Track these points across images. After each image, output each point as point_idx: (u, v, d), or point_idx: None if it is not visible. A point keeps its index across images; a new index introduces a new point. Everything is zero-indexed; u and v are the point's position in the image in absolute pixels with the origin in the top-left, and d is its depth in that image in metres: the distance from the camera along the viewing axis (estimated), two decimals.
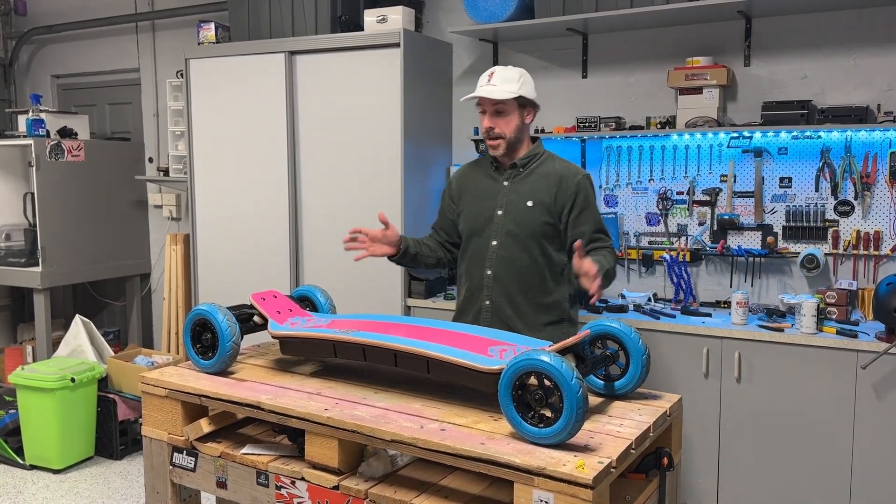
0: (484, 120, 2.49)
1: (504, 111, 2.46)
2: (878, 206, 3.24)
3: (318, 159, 3.95)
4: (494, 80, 2.46)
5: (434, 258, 2.67)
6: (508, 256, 2.51)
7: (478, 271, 2.57)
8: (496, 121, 2.47)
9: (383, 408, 1.85)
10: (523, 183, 2.54)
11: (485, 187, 2.60)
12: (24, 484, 3.88)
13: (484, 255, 2.55)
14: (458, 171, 2.77)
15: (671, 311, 3.40)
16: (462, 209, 2.64)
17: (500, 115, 2.47)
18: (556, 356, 1.59)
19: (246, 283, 4.02)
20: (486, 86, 2.46)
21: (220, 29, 4.25)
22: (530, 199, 2.50)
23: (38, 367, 4.06)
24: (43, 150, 4.57)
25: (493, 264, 2.53)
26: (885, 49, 3.20)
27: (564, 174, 2.51)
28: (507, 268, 2.51)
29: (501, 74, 2.47)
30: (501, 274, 2.52)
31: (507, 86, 2.44)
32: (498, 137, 2.48)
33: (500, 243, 2.52)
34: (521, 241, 2.50)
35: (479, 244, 2.57)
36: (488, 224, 2.55)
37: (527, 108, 2.52)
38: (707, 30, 3.51)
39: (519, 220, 2.50)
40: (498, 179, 2.58)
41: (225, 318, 2.09)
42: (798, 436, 2.99)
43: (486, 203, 2.57)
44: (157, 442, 2.13)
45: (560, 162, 2.57)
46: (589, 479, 1.46)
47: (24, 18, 5.71)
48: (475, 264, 2.58)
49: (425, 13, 4.17)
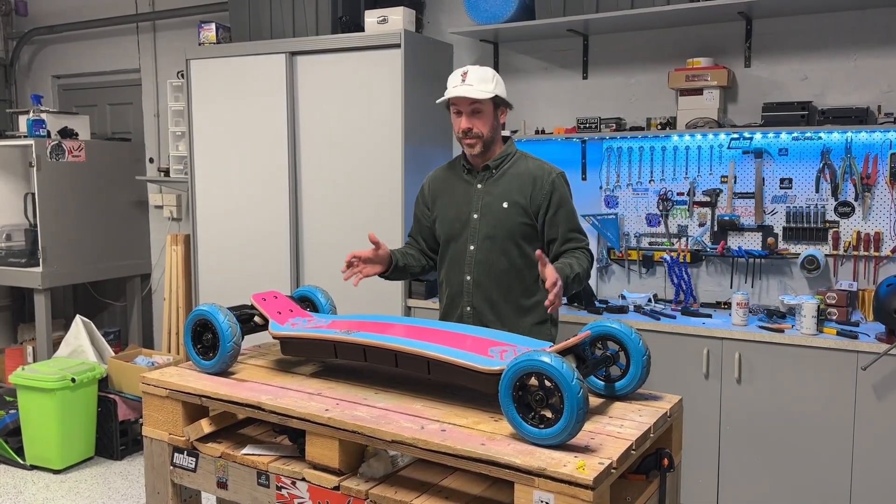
0: (461, 121, 2.45)
1: (481, 111, 2.43)
2: (879, 207, 3.24)
3: (318, 160, 3.95)
4: (469, 80, 2.41)
5: (419, 267, 2.66)
6: (487, 260, 2.49)
7: (457, 277, 2.55)
8: (473, 121, 2.43)
9: (384, 408, 1.85)
10: (497, 184, 2.51)
11: (458, 191, 2.57)
12: (25, 484, 3.88)
13: (462, 260, 2.53)
14: (429, 176, 2.72)
15: (671, 311, 3.40)
16: (437, 214, 2.61)
17: (477, 115, 2.43)
18: (557, 357, 1.59)
19: (246, 283, 4.02)
20: (461, 86, 2.41)
21: (221, 29, 4.25)
22: (505, 201, 2.47)
23: (39, 367, 4.06)
24: (44, 150, 4.57)
25: (472, 269, 2.51)
26: (886, 50, 3.20)
27: (538, 174, 2.49)
28: (487, 272, 2.49)
29: (476, 74, 2.43)
30: (481, 279, 2.50)
31: (483, 85, 2.41)
32: (476, 137, 2.45)
33: (477, 247, 2.50)
34: (498, 243, 2.48)
35: (457, 249, 2.55)
36: (465, 228, 2.52)
37: (501, 108, 2.50)
38: (707, 31, 3.51)
39: (495, 223, 2.48)
40: (471, 182, 2.55)
41: (226, 318, 2.09)
42: (798, 437, 2.99)
43: (461, 207, 2.54)
44: (158, 442, 2.13)
45: (533, 161, 2.55)
46: (589, 479, 1.46)
47: (24, 19, 5.71)
48: (454, 270, 2.56)
49: (426, 14, 4.17)
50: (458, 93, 2.40)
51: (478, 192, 2.52)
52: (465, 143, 2.48)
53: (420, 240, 2.70)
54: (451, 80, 2.46)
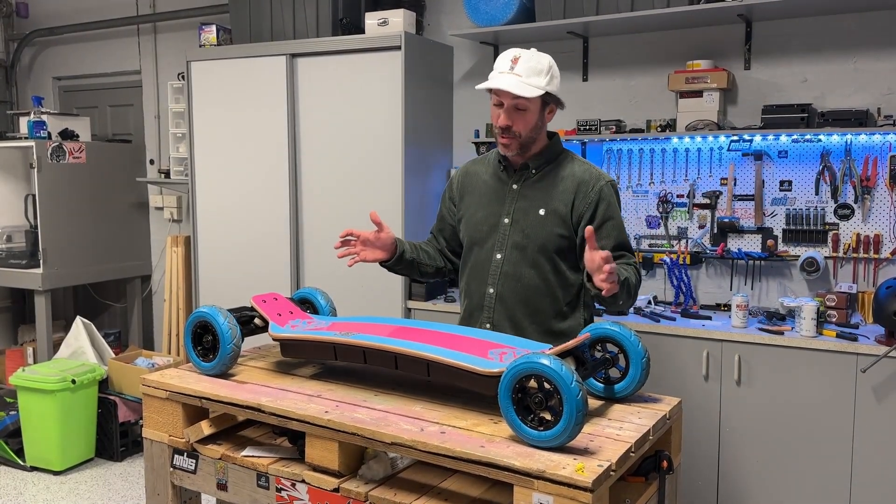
0: (499, 115, 2.11)
1: (526, 108, 2.09)
2: (878, 209, 3.24)
3: (318, 161, 3.95)
4: (519, 69, 2.05)
5: (433, 267, 2.38)
6: (514, 273, 2.18)
7: (478, 288, 2.24)
8: (514, 117, 2.10)
9: (383, 410, 1.85)
10: (535, 187, 2.19)
11: (491, 190, 2.25)
12: (25, 485, 3.88)
13: (486, 269, 2.23)
14: (461, 168, 2.41)
15: (671, 313, 3.41)
16: (464, 214, 2.31)
17: (519, 112, 2.10)
18: (556, 359, 1.59)
19: (247, 284, 4.03)
20: (507, 74, 2.06)
21: (222, 31, 4.26)
22: (543, 207, 2.16)
23: (39, 368, 4.06)
24: (44, 151, 4.58)
25: (497, 281, 2.20)
26: (886, 53, 3.20)
27: (584, 179, 2.16)
28: (513, 286, 2.18)
29: (528, 63, 2.06)
30: (505, 293, 2.19)
31: (533, 79, 2.06)
32: (513, 136, 2.12)
33: (504, 257, 2.19)
34: (529, 255, 2.17)
35: (482, 256, 2.24)
36: (492, 233, 2.22)
37: (549, 106, 2.16)
38: (707, 33, 3.52)
39: (528, 231, 2.17)
40: (506, 181, 2.23)
41: (226, 320, 2.10)
42: (798, 439, 2.99)
43: (492, 208, 2.23)
44: (158, 444, 2.13)
45: (580, 164, 2.21)
46: (588, 482, 1.46)
47: (25, 21, 5.72)
48: (476, 279, 2.26)
49: (426, 16, 4.18)
50: (502, 84, 2.05)
51: (512, 192, 2.21)
52: (500, 140, 2.16)
53: (441, 239, 2.43)
54: (499, 64, 2.10)
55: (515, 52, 2.09)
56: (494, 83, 2.07)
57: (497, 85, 2.06)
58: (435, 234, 2.46)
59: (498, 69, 2.10)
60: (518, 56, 2.08)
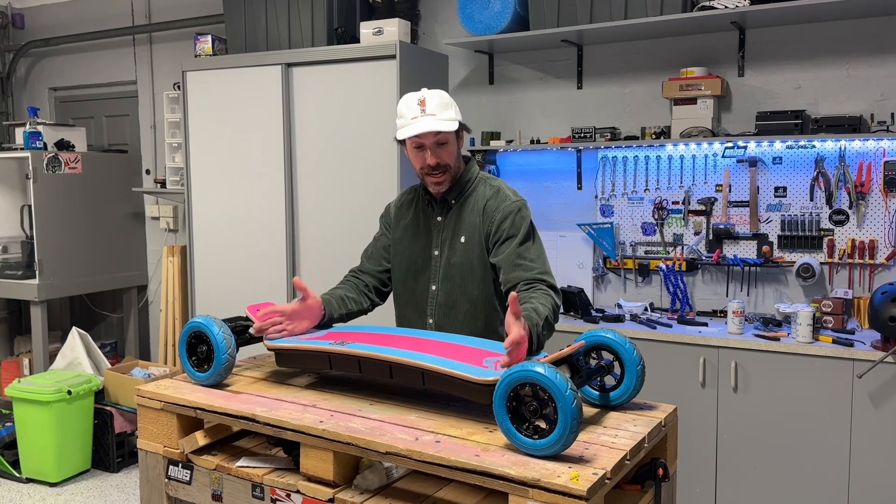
0: (424, 155, 2.14)
1: (446, 141, 2.15)
2: (873, 214, 3.25)
3: (314, 171, 3.95)
4: (430, 109, 2.11)
5: (359, 311, 2.38)
6: (448, 302, 2.23)
7: (418, 320, 2.30)
8: (439, 153, 2.14)
9: (378, 420, 1.85)
10: (455, 216, 2.23)
11: (421, 224, 2.29)
12: (21, 497, 3.86)
13: (424, 302, 2.28)
14: (396, 199, 2.43)
15: (667, 320, 3.41)
16: (396, 246, 2.34)
17: (442, 147, 2.15)
18: (551, 367, 1.59)
19: (243, 294, 4.02)
20: (422, 117, 2.11)
21: (217, 41, 4.27)
22: (463, 235, 2.20)
23: (35, 379, 4.05)
24: (40, 162, 4.58)
25: (434, 312, 2.26)
26: (878, 59, 3.22)
27: (489, 200, 2.20)
28: (450, 314, 2.24)
29: (435, 101, 2.13)
30: (444, 323, 2.25)
31: (446, 113, 2.13)
32: (444, 171, 2.17)
33: (438, 288, 2.24)
34: (457, 283, 2.21)
35: (418, 289, 2.29)
36: (426, 266, 2.27)
37: (461, 133, 2.22)
38: (701, 41, 3.53)
39: (454, 261, 2.21)
40: (431, 215, 2.28)
41: (220, 330, 2.09)
42: (795, 444, 2.98)
43: (422, 241, 2.28)
44: (153, 455, 2.12)
45: (490, 187, 2.24)
46: (583, 490, 1.46)
47: (21, 31, 5.74)
48: (414, 311, 2.31)
49: (421, 25, 4.19)
50: (427, 127, 2.09)
51: (438, 224, 2.26)
52: (433, 181, 2.19)
53: (372, 265, 2.41)
54: (407, 111, 2.14)
55: (419, 95, 2.15)
56: (418, 128, 2.10)
57: (422, 129, 2.10)
58: (363, 264, 2.44)
59: (410, 115, 2.13)
60: (423, 97, 2.14)
